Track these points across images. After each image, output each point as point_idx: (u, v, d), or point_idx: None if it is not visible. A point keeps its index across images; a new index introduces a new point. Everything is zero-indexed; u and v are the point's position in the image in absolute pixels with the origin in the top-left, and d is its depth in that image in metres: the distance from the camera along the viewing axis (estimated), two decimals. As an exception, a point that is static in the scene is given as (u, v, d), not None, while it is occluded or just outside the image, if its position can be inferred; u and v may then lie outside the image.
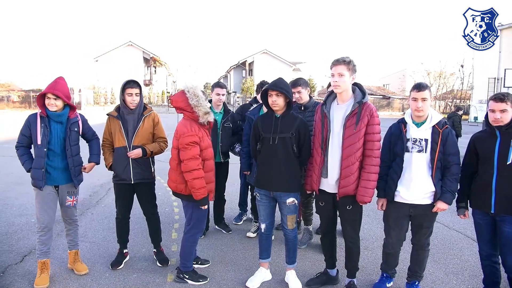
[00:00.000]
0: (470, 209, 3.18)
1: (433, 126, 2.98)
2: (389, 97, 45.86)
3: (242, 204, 5.25)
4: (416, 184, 2.98)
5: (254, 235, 4.65)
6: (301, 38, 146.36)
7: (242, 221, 5.18)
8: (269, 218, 3.43)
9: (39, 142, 3.27)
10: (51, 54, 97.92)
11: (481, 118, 29.38)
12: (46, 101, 3.29)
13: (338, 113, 3.06)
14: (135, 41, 43.06)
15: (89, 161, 3.66)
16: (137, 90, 3.57)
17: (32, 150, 3.44)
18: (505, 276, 3.11)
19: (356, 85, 3.10)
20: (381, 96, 45.43)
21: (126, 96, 3.56)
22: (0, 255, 3.96)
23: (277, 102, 3.18)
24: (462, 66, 39.71)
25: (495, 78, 28.71)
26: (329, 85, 4.00)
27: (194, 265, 3.60)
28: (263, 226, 3.44)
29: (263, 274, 3.52)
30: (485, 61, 28.82)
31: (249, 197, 5.05)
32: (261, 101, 4.73)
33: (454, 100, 39.48)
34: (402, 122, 3.09)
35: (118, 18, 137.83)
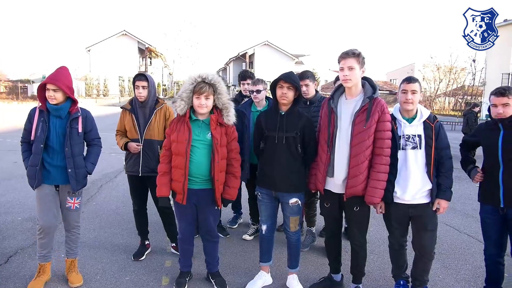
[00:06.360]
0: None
1: (424, 121, 3.00)
2: (396, 92, 45.70)
3: (236, 206, 5.16)
4: (412, 183, 2.97)
5: (251, 238, 4.61)
6: (304, 29, 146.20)
7: (237, 225, 5.11)
8: (271, 219, 3.40)
9: (33, 137, 3.20)
10: (41, 42, 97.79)
11: (493, 116, 29.35)
12: (46, 93, 3.17)
13: (347, 109, 3.02)
14: (129, 31, 42.88)
15: None
16: (144, 83, 3.73)
17: None
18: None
19: (365, 79, 3.06)
20: (388, 92, 45.36)
21: (135, 89, 3.75)
22: (-16, 255, 3.92)
23: (287, 95, 3.14)
24: (474, 60, 39.57)
25: (509, 74, 28.64)
26: (337, 79, 3.96)
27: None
28: (264, 227, 3.41)
29: (264, 278, 3.49)
30: (499, 56, 28.73)
31: (247, 197, 4.96)
32: (245, 94, 4.69)
33: (465, 97, 39.37)
34: (391, 119, 3.04)
35: (112, 6, 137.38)
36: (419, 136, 2.98)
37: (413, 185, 2.97)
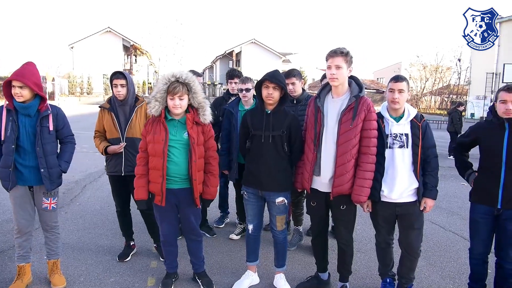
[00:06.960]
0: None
1: (412, 120, 3.03)
2: (383, 91, 46.14)
3: (223, 205, 5.15)
4: (399, 182, 3.00)
5: (238, 237, 4.61)
6: (291, 28, 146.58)
7: (224, 224, 5.11)
8: (257, 218, 3.41)
9: (3, 137, 3.09)
10: (22, 39, 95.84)
11: (478, 115, 29.90)
12: (12, 90, 3.04)
13: (333, 107, 3.05)
14: (114, 28, 42.37)
15: None
16: (122, 81, 3.67)
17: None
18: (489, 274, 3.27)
19: (352, 78, 3.09)
20: (375, 91, 45.79)
21: (113, 87, 3.69)
22: (-37, 258, 3.85)
23: (273, 95, 3.14)
24: (459, 60, 40.36)
25: (493, 73, 29.22)
26: (323, 77, 3.99)
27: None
28: (250, 227, 3.41)
29: (251, 277, 3.50)
30: (483, 55, 29.28)
31: (235, 196, 4.96)
32: (233, 92, 4.70)
33: (451, 96, 40.09)
34: (379, 117, 3.07)
35: (96, 1, 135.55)
36: (406, 135, 3.01)
37: (400, 184, 3.01)
